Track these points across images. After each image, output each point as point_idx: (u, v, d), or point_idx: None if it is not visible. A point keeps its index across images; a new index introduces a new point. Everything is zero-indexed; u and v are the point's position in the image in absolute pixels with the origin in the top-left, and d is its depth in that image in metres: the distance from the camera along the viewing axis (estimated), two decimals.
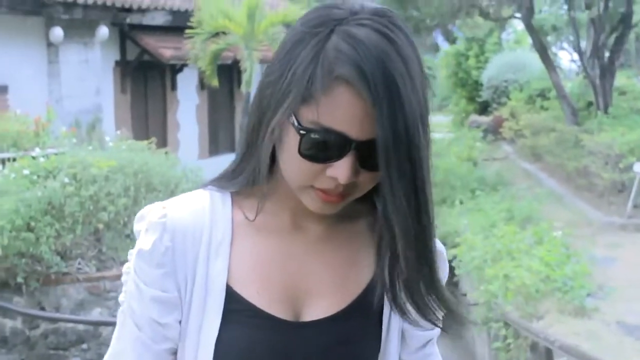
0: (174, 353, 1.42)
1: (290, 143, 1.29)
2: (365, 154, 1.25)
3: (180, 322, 1.40)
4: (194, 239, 1.39)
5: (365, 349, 1.44)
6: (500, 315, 8.26)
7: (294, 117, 1.26)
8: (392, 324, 1.47)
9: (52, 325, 8.27)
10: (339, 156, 1.26)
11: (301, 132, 1.26)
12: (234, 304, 1.38)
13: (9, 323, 8.25)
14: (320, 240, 1.45)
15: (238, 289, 1.39)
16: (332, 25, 1.26)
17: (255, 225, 1.42)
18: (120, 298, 1.46)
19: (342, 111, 1.23)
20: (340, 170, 1.26)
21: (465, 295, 11.92)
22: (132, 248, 1.43)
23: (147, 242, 1.38)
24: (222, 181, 1.45)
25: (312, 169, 1.28)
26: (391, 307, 1.42)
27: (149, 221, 1.40)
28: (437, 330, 1.54)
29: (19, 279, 8.03)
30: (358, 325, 1.42)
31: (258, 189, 1.40)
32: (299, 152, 1.27)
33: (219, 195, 1.44)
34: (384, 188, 1.26)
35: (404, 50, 1.24)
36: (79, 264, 8.49)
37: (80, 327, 8.17)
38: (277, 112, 1.29)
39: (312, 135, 1.25)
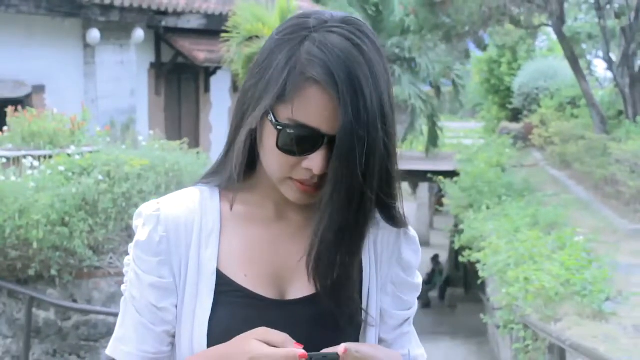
0: (173, 335, 1.55)
1: (269, 139, 1.44)
2: None
3: (176, 306, 1.53)
4: (186, 229, 1.53)
5: (346, 326, 1.54)
6: (521, 318, 8.38)
7: (271, 115, 1.42)
8: (371, 303, 1.59)
9: (84, 317, 8.41)
10: (312, 149, 1.41)
11: (278, 127, 1.41)
12: (224, 286, 1.51)
13: (42, 314, 8.39)
14: (301, 228, 1.56)
15: (227, 272, 1.52)
16: (305, 33, 1.41)
17: (242, 215, 1.56)
18: (122, 288, 1.60)
19: (314, 109, 1.38)
20: (315, 162, 1.41)
21: (489, 300, 12.05)
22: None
23: (144, 234, 1.52)
24: (210, 178, 1.60)
25: (289, 162, 1.43)
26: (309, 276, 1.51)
27: (145, 215, 1.54)
28: (414, 310, 1.67)
29: (53, 272, 8.17)
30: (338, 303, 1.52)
31: (244, 183, 1.55)
32: (277, 146, 1.42)
33: (207, 190, 1.58)
34: (331, 174, 1.40)
35: (369, 54, 1.39)
36: (111, 258, 8.62)
37: (111, 319, 8.22)
38: (257, 112, 1.44)
39: (288, 131, 1.40)
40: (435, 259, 24.43)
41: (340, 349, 1.39)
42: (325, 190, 1.42)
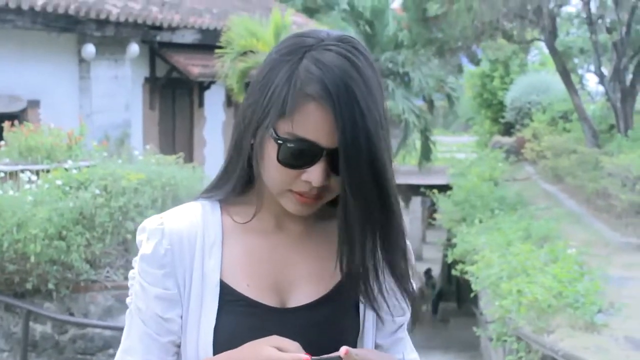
0: (178, 345, 1.58)
1: (270, 153, 1.49)
2: (335, 160, 1.46)
3: (181, 316, 1.57)
4: (190, 242, 1.57)
5: (345, 332, 1.60)
6: (513, 330, 8.44)
7: (272, 130, 1.48)
8: (368, 310, 1.65)
9: (81, 330, 8.44)
10: (312, 162, 1.47)
11: (279, 142, 1.47)
12: (227, 296, 1.56)
13: (39, 328, 8.44)
14: (301, 238, 1.63)
15: (230, 282, 1.57)
16: (303, 52, 1.48)
17: (242, 227, 1.61)
18: (127, 300, 1.63)
19: (313, 124, 1.45)
20: (314, 174, 1.47)
21: (481, 313, 12.11)
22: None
23: (149, 247, 1.57)
24: (210, 192, 1.66)
25: (289, 175, 1.49)
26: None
27: (149, 229, 1.59)
28: (407, 316, 1.74)
29: (50, 286, 8.22)
30: (337, 310, 1.59)
31: (244, 196, 1.62)
32: (278, 160, 1.48)
33: (208, 204, 1.63)
34: (343, 191, 1.47)
35: (364, 70, 1.46)
36: (108, 272, 8.67)
37: (108, 332, 8.31)
38: (259, 127, 1.51)
39: (289, 145, 1.46)
40: (427, 273, 24.47)
41: (341, 351, 1.46)
42: (341, 201, 1.49)
